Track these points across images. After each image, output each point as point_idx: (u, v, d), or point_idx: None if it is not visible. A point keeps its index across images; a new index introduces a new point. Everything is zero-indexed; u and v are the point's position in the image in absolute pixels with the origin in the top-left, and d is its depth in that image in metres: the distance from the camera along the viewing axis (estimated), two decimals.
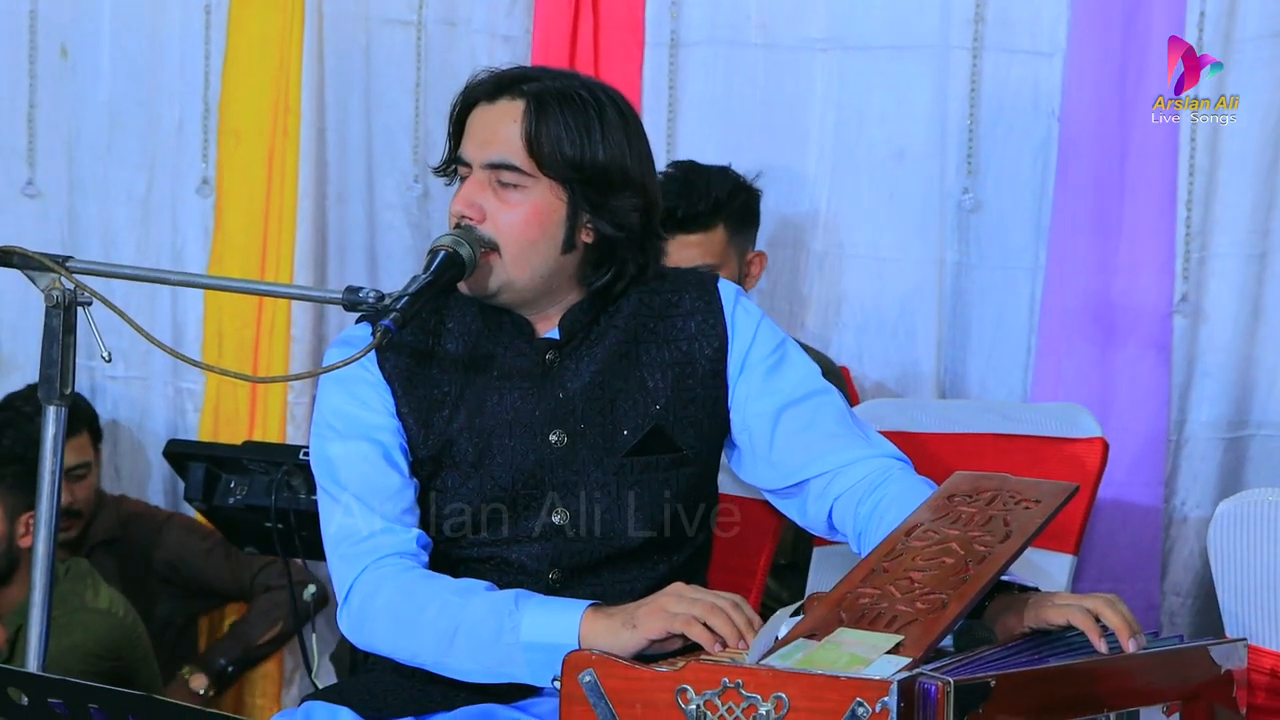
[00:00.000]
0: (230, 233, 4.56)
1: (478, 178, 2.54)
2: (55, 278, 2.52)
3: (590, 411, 2.59)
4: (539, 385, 2.60)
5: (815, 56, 4.21)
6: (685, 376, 2.62)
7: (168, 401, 4.68)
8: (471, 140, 2.56)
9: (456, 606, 2.46)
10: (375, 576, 2.53)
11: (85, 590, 4.09)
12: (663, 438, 2.60)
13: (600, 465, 2.59)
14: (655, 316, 2.64)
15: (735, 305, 2.66)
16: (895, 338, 4.19)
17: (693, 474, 2.63)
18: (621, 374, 2.61)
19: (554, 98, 2.53)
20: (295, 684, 4.51)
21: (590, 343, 2.61)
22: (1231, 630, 2.78)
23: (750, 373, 2.65)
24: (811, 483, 2.64)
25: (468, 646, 2.45)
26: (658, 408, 2.60)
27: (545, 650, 2.37)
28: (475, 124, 2.56)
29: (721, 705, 2.05)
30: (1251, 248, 3.89)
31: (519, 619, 2.40)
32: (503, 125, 2.53)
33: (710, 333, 2.64)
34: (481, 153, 2.54)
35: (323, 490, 2.62)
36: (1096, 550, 3.90)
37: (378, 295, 2.46)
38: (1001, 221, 4.10)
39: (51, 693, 2.19)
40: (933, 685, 2.00)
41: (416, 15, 4.46)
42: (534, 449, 2.58)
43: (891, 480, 2.59)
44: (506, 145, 2.53)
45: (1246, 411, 3.94)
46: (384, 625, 2.53)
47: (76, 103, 4.72)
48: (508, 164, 2.53)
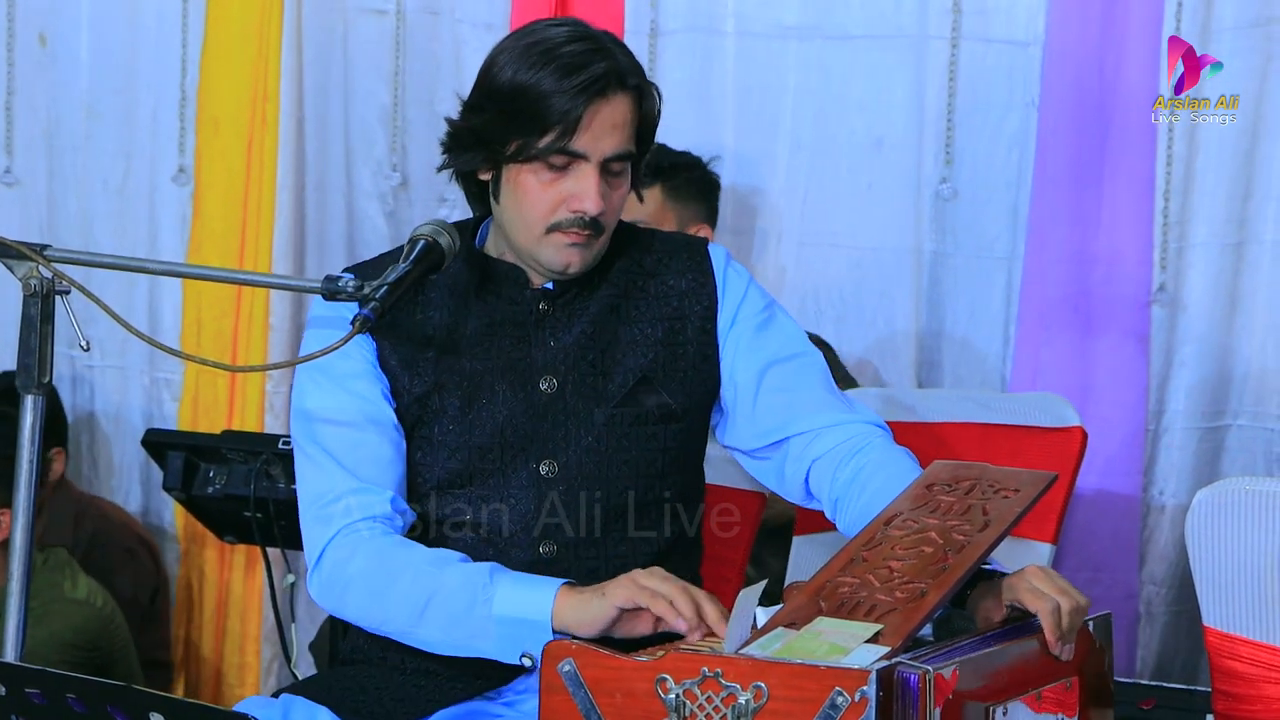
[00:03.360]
0: (209, 221, 4.55)
1: (590, 171, 2.53)
2: (33, 266, 2.51)
3: (582, 362, 2.60)
4: (531, 334, 2.60)
5: (793, 46, 4.21)
6: (676, 333, 2.64)
7: (144, 391, 4.68)
8: (590, 134, 2.52)
9: (430, 576, 2.46)
10: (349, 541, 2.52)
11: (63, 580, 4.08)
12: (652, 390, 2.62)
13: (590, 415, 2.59)
14: (646, 274, 2.66)
15: (726, 266, 2.69)
16: (873, 327, 4.19)
17: (682, 431, 2.64)
18: (612, 328, 2.62)
19: (642, 80, 2.57)
20: (274, 674, 4.50)
21: (583, 296, 2.62)
22: (1209, 619, 2.79)
23: (739, 328, 2.67)
24: (792, 441, 2.65)
25: (439, 618, 2.45)
26: (647, 361, 2.62)
27: (517, 625, 2.37)
28: (595, 119, 2.52)
29: (701, 694, 2.05)
30: (1228, 238, 3.90)
31: (492, 592, 2.40)
32: (619, 118, 2.53)
33: (700, 291, 2.66)
34: (604, 146, 2.53)
35: (298, 447, 2.61)
36: (1075, 539, 3.91)
37: (357, 284, 2.45)
38: (978, 211, 4.11)
39: (29, 683, 2.19)
40: (912, 674, 2.00)
41: (395, 4, 4.46)
42: (524, 395, 2.58)
43: (872, 448, 2.61)
44: (625, 137, 2.55)
45: (1224, 401, 3.95)
46: (355, 592, 2.52)
47: (55, 91, 4.71)
48: (628, 154, 2.56)
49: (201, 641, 4.59)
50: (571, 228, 2.54)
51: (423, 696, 2.55)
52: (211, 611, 4.56)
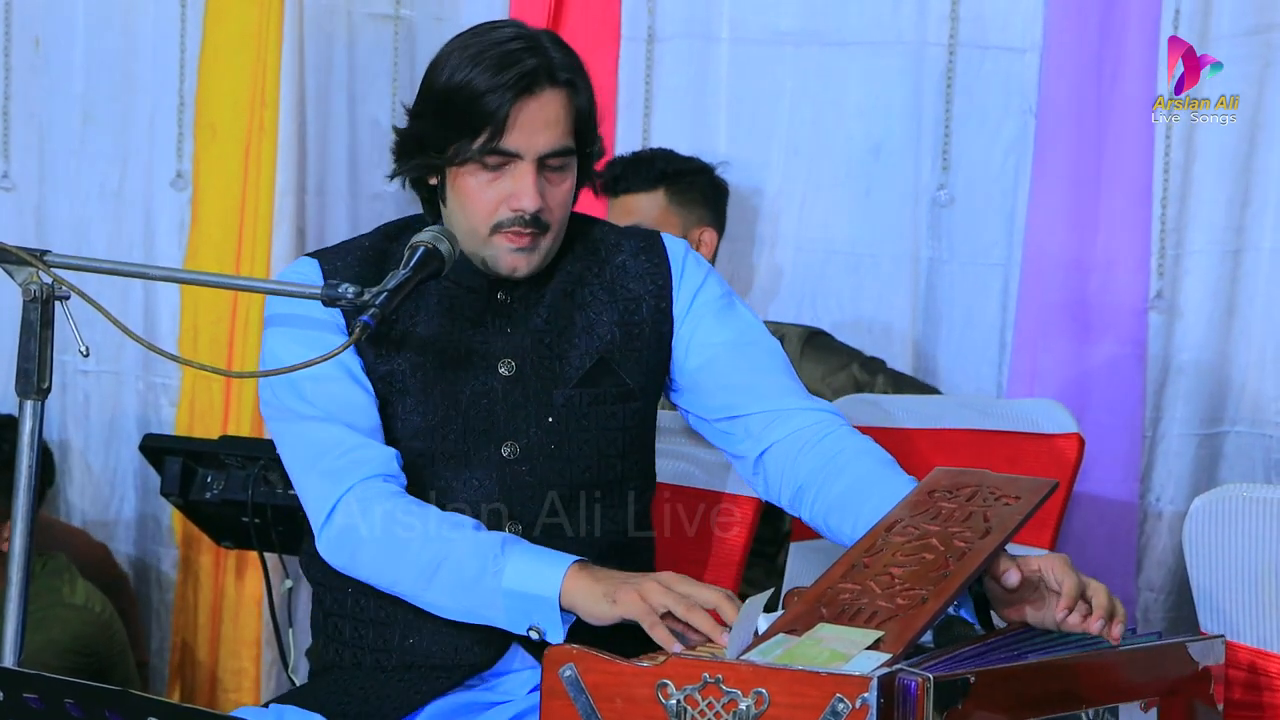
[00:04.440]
0: (206, 227, 4.55)
1: (526, 169, 2.54)
2: (33, 271, 2.50)
3: (540, 346, 2.62)
4: (489, 322, 2.62)
5: (791, 52, 4.22)
6: (631, 314, 2.66)
7: (139, 396, 4.67)
8: (521, 132, 2.53)
9: (443, 541, 2.46)
10: (361, 498, 2.52)
11: (62, 586, 4.07)
12: (609, 371, 2.64)
13: (549, 397, 2.61)
14: (600, 262, 2.68)
15: (685, 255, 2.72)
16: (870, 333, 4.19)
17: (639, 410, 2.66)
18: (568, 313, 2.64)
19: (576, 74, 2.57)
20: (272, 679, 4.50)
21: (538, 285, 2.64)
22: (1206, 625, 2.79)
23: (701, 310, 2.69)
24: (751, 418, 2.67)
25: (449, 584, 2.46)
26: (604, 343, 2.64)
27: (525, 599, 2.39)
28: (524, 116, 2.53)
29: (702, 700, 2.05)
30: (1226, 245, 3.90)
31: (503, 564, 2.41)
32: (551, 115, 2.54)
33: (654, 273, 2.68)
34: (537, 142, 2.53)
35: (287, 413, 2.60)
36: (1072, 545, 3.91)
37: (356, 290, 2.45)
38: (975, 217, 4.11)
39: (27, 688, 2.18)
40: (913, 681, 2.00)
41: (396, 9, 4.46)
42: (484, 379, 2.60)
43: (838, 435, 2.63)
44: (560, 132, 2.55)
45: (1221, 408, 3.95)
46: (368, 552, 2.52)
47: (50, 95, 4.70)
48: (566, 149, 2.56)
49: (198, 647, 4.58)
50: (513, 227, 2.55)
51: (410, 690, 2.56)
52: (208, 617, 4.56)
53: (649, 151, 4.16)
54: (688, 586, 2.31)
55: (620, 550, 2.63)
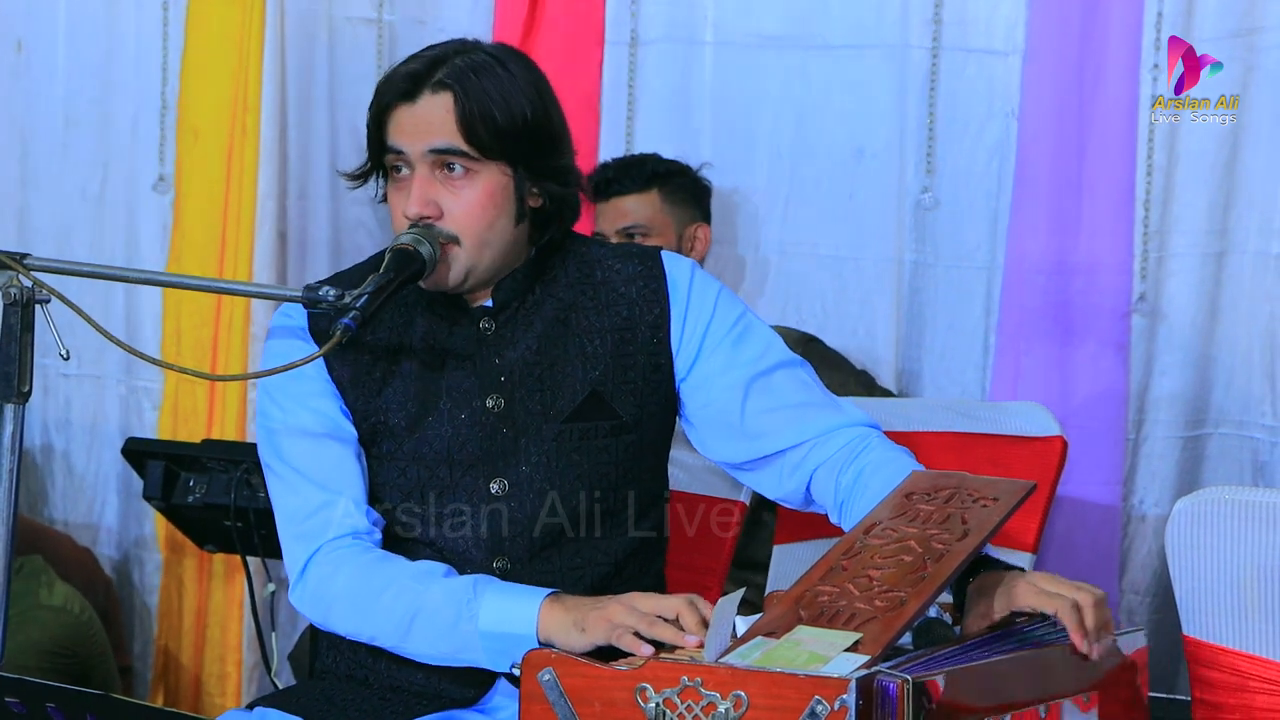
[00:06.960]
0: (189, 230, 4.54)
1: (421, 174, 2.51)
2: (13, 275, 2.50)
3: (528, 378, 2.57)
4: (475, 353, 2.58)
5: (774, 55, 4.22)
6: (625, 343, 2.60)
7: (121, 400, 4.66)
8: (402, 134, 2.51)
9: (414, 593, 2.45)
10: (332, 558, 2.52)
11: (39, 588, 4.06)
12: (601, 404, 2.58)
13: (539, 432, 2.56)
14: (595, 284, 2.62)
15: (691, 280, 2.64)
16: (854, 336, 4.20)
17: (633, 443, 2.60)
18: (560, 341, 2.59)
19: (472, 75, 2.51)
20: (254, 683, 4.49)
21: (527, 310, 2.59)
22: (1189, 628, 2.79)
23: (714, 346, 2.62)
24: (788, 454, 2.62)
25: (427, 633, 2.44)
26: (596, 374, 2.58)
27: (504, 639, 2.37)
28: (403, 121, 2.52)
29: (681, 703, 2.04)
30: (1209, 247, 3.91)
31: (477, 607, 2.40)
32: (434, 118, 2.50)
33: (652, 298, 2.62)
34: (421, 141, 2.50)
35: (268, 468, 2.61)
36: (1055, 549, 3.91)
37: (337, 294, 2.45)
38: (959, 220, 4.12)
39: (8, 692, 2.18)
40: (891, 683, 2.00)
41: (378, 13, 4.46)
42: (470, 413, 2.56)
43: (871, 449, 2.58)
44: (444, 134, 2.50)
45: (1204, 410, 3.96)
46: (341, 609, 2.52)
47: (31, 98, 4.70)
48: (452, 149, 2.50)
49: (181, 651, 4.57)
50: None
51: (388, 710, 2.54)
52: (191, 621, 4.55)
53: (637, 155, 4.18)
54: (651, 603, 2.30)
55: (619, 570, 2.60)
